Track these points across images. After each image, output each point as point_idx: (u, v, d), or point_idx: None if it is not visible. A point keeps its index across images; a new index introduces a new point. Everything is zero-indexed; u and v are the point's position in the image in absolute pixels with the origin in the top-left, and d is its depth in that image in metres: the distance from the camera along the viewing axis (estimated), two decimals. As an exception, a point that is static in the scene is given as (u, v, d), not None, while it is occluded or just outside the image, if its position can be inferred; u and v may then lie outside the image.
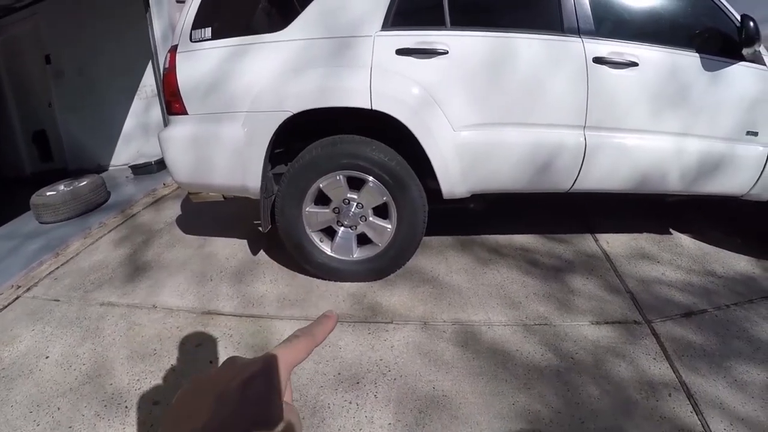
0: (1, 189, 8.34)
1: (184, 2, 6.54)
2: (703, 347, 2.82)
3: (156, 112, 7.47)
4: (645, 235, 4.12)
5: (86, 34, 7.54)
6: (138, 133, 7.85)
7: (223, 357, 2.96)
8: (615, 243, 3.99)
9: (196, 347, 3.10)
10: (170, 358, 3.02)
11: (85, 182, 5.96)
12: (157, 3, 6.76)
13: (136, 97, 7.61)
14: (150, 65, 7.18)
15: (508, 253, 3.89)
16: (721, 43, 3.25)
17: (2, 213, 6.36)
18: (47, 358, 3.17)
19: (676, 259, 3.75)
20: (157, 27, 6.84)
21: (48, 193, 5.78)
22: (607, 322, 3.06)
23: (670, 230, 4.20)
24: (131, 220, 5.47)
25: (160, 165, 7.11)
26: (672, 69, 3.25)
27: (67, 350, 3.22)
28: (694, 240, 4.03)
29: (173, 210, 5.57)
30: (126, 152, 7.99)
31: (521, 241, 4.06)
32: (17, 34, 8.19)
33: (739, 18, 3.19)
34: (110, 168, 8.17)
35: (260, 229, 3.54)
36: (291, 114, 3.21)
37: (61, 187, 5.90)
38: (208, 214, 4.92)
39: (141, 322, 3.43)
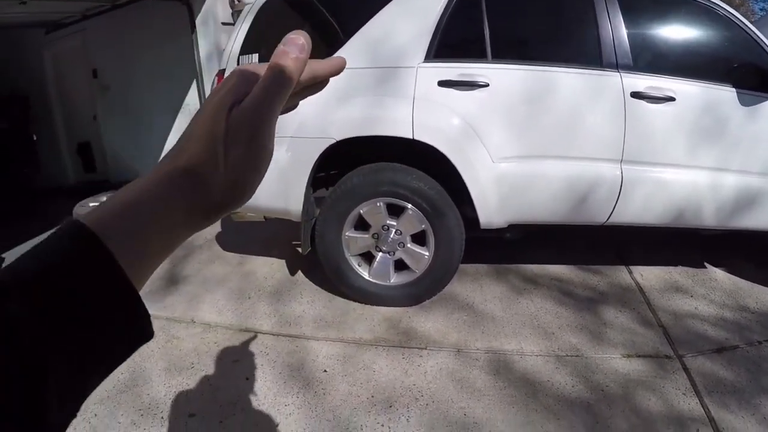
0: (46, 197, 8.53)
1: (230, 24, 6.73)
2: (734, 383, 2.81)
3: (198, 131, 7.56)
4: (679, 268, 4.11)
5: (133, 51, 7.71)
6: (180, 150, 7.87)
7: (259, 374, 3.04)
8: (649, 276, 3.99)
9: (233, 363, 3.17)
10: (207, 373, 3.09)
11: (127, 195, 6.09)
12: (203, 24, 6.91)
13: (179, 114, 7.73)
14: (194, 84, 7.31)
15: (542, 283, 3.92)
16: (758, 77, 3.25)
17: (46, 221, 6.51)
18: (85, 365, 3.26)
19: (709, 293, 3.75)
20: (203, 48, 6.98)
21: (91, 204, 5.90)
22: (638, 356, 3.07)
23: (705, 264, 4.18)
24: (171, 234, 5.56)
25: (201, 181, 7.22)
26: (709, 104, 3.28)
27: (104, 360, 3.31)
28: (728, 274, 4.01)
29: (213, 227, 5.61)
30: (167, 168, 8.03)
31: (555, 272, 4.09)
32: (66, 49, 8.39)
33: None
34: (152, 183, 8.23)
35: (299, 250, 3.62)
36: (335, 141, 3.30)
37: (104, 198, 5.99)
38: (247, 232, 5.01)
39: (179, 335, 3.51)
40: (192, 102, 7.52)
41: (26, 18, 7.11)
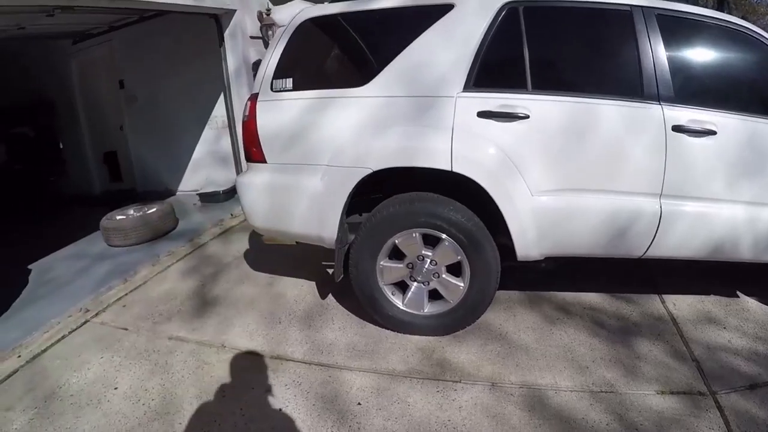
0: (72, 206, 8.60)
1: (258, 38, 6.76)
2: (766, 422, 2.76)
3: (226, 143, 7.65)
4: (712, 297, 4.04)
5: (160, 62, 7.79)
6: (207, 162, 8.05)
7: (292, 405, 3.02)
8: (682, 305, 3.93)
9: (266, 392, 3.16)
10: (239, 402, 3.09)
11: (154, 209, 6.13)
12: (231, 38, 6.95)
13: (207, 126, 7.79)
14: (222, 97, 7.35)
15: (575, 312, 3.87)
16: None
17: (72, 231, 6.57)
18: (116, 389, 3.27)
19: (742, 324, 3.68)
20: (231, 61, 7.03)
21: (118, 217, 5.96)
22: (672, 392, 3.03)
23: (738, 293, 4.12)
24: (199, 250, 5.62)
25: (228, 194, 7.33)
26: (750, 137, 3.22)
27: (135, 383, 3.32)
28: (761, 304, 3.94)
29: (241, 243, 5.70)
30: (194, 179, 8.20)
31: (589, 300, 4.04)
32: (93, 58, 8.48)
33: None
34: (178, 193, 8.43)
35: (330, 272, 3.60)
36: (371, 171, 3.29)
37: (131, 212, 6.08)
38: (276, 251, 4.96)
39: (210, 360, 3.51)
40: (219, 114, 7.57)
41: (54, 29, 7.17)
